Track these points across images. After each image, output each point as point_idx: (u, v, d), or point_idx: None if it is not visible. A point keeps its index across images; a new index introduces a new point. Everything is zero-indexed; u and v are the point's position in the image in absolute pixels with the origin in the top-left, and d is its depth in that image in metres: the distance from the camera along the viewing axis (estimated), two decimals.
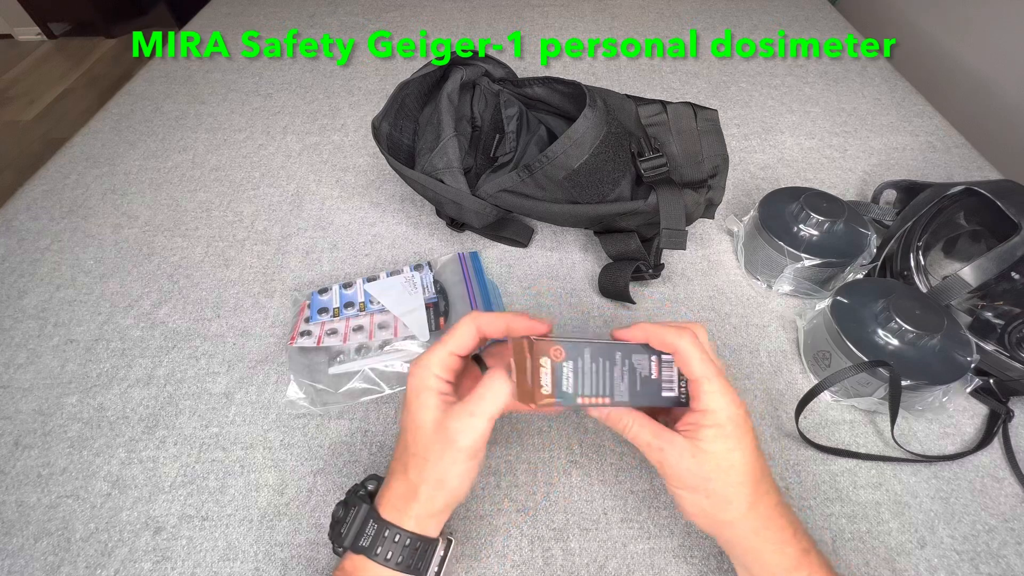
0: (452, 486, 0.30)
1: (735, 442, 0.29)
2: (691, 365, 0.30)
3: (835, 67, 0.85)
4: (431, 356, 0.31)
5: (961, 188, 0.49)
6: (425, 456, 0.29)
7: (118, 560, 0.37)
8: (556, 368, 0.29)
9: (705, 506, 0.29)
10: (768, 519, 0.29)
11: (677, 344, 0.30)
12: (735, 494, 0.29)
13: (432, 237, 0.59)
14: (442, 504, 0.30)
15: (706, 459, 0.29)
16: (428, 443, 0.29)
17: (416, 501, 0.30)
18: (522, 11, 1.00)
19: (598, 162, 0.48)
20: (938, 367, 0.40)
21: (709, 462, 0.29)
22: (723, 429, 0.29)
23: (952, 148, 0.71)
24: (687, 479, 0.29)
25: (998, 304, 0.46)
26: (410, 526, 0.29)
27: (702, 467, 0.29)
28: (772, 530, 0.29)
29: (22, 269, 0.56)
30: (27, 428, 0.44)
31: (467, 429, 0.29)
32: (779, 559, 0.29)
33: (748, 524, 0.29)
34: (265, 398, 0.45)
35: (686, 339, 0.30)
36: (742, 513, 0.29)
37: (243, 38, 0.93)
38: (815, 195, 0.52)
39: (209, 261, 0.57)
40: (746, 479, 0.29)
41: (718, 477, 0.29)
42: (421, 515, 0.30)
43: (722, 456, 0.29)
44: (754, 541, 0.29)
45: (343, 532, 0.30)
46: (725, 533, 0.30)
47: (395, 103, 0.55)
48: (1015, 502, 0.40)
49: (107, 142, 0.72)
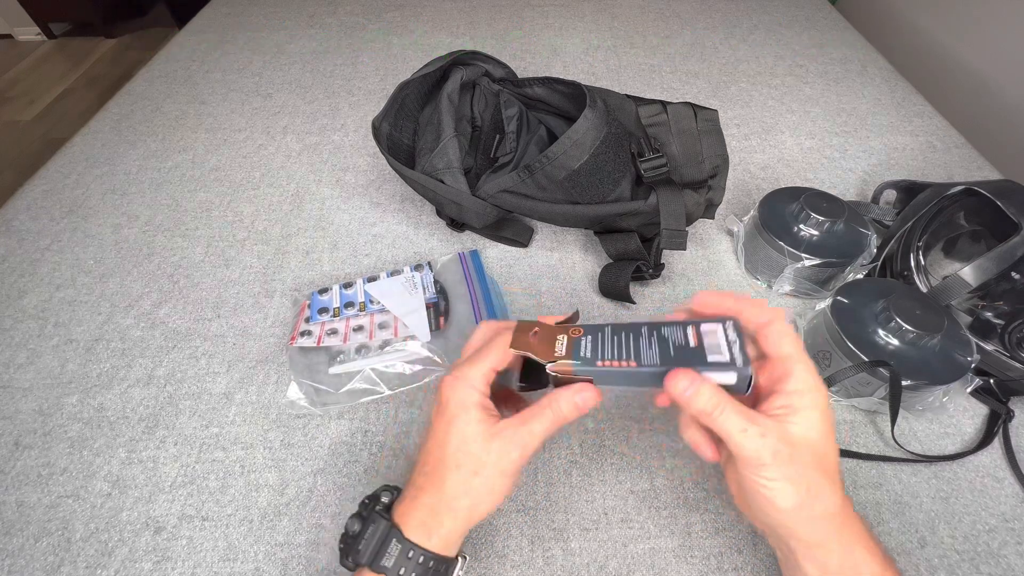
0: (488, 503, 0.29)
1: (830, 426, 0.27)
2: (782, 341, 0.27)
3: (835, 67, 0.85)
4: (472, 370, 0.30)
5: (961, 188, 0.49)
6: (475, 471, 0.29)
7: (118, 560, 0.37)
8: (573, 341, 0.29)
9: (804, 498, 0.26)
10: (854, 514, 0.28)
11: (771, 318, 0.28)
12: (830, 485, 0.27)
13: (432, 237, 0.59)
14: (468, 520, 0.30)
15: (805, 447, 0.26)
16: (479, 458, 0.29)
17: (446, 518, 0.29)
18: (522, 11, 1.00)
19: (598, 162, 0.48)
20: (938, 367, 0.40)
21: (807, 451, 0.26)
22: (820, 413, 0.26)
23: (952, 148, 0.71)
24: (787, 468, 0.26)
25: (998, 304, 0.46)
26: (434, 546, 0.29)
27: (802, 456, 0.26)
28: (859, 524, 0.27)
29: (22, 269, 0.56)
30: (27, 428, 0.44)
31: (522, 447, 0.29)
32: (868, 557, 0.27)
33: (840, 518, 0.27)
34: (265, 398, 0.45)
35: (781, 313, 0.28)
36: (837, 505, 0.27)
37: (243, 38, 0.93)
38: (815, 195, 0.52)
39: (209, 261, 0.57)
40: (833, 468, 0.27)
41: (819, 467, 0.26)
42: (446, 534, 0.29)
43: (819, 444, 0.26)
44: (844, 536, 0.27)
45: (360, 548, 0.29)
46: (815, 529, 0.27)
47: (395, 103, 0.55)
48: (1015, 502, 0.40)
49: (107, 142, 0.72)
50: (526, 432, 0.29)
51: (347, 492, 0.40)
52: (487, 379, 0.30)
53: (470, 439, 0.29)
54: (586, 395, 0.29)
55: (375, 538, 0.29)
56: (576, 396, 0.29)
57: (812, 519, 0.27)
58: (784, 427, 0.26)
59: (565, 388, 0.29)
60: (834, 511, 0.27)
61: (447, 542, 0.29)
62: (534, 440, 0.29)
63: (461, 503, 0.29)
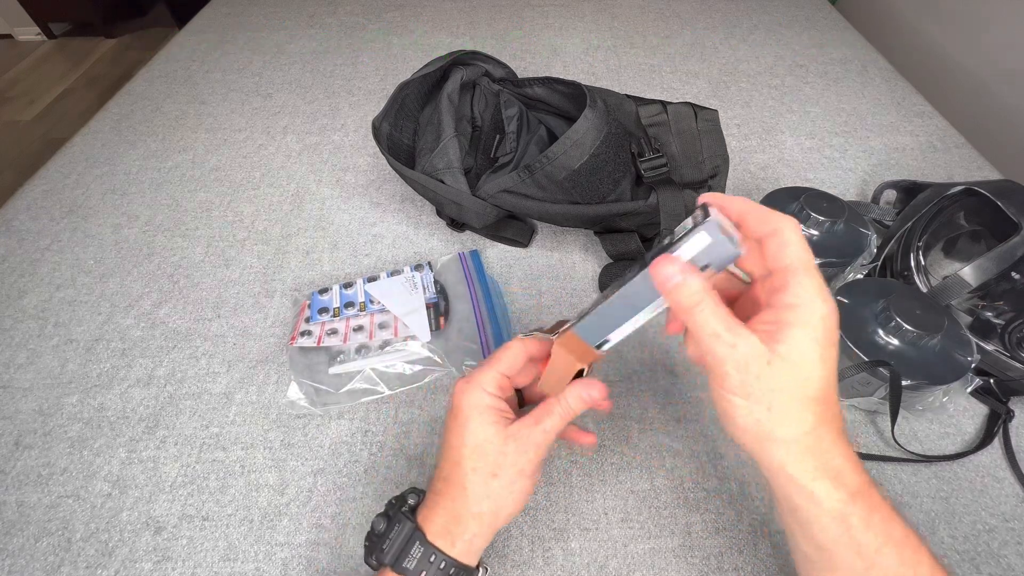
0: (510, 504, 0.30)
1: (821, 351, 0.24)
2: (784, 252, 0.24)
3: (835, 67, 0.85)
4: (482, 375, 0.30)
5: (961, 188, 0.49)
6: (494, 473, 0.29)
7: (118, 560, 0.37)
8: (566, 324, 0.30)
9: (762, 419, 0.24)
10: (829, 444, 0.25)
11: (781, 224, 0.24)
12: (800, 410, 0.24)
13: (432, 237, 0.59)
14: (492, 525, 0.30)
15: (782, 367, 0.23)
16: (497, 460, 0.29)
17: (470, 524, 0.29)
18: (522, 11, 1.00)
19: (598, 162, 0.48)
20: (938, 367, 0.40)
21: (785, 372, 0.23)
22: (812, 331, 0.23)
23: (952, 148, 0.71)
24: (751, 386, 0.24)
25: (998, 304, 0.46)
26: (457, 552, 0.29)
27: (775, 376, 0.23)
28: (831, 456, 0.25)
29: (22, 269, 0.56)
30: (27, 428, 0.44)
31: (539, 446, 0.29)
32: (831, 489, 0.24)
33: (804, 446, 0.24)
34: (265, 398, 0.45)
35: (791, 222, 0.24)
36: (804, 432, 0.24)
37: (243, 38, 0.93)
38: (815, 195, 0.52)
39: (209, 261, 0.57)
40: (818, 395, 0.24)
41: (789, 389, 0.24)
42: (469, 539, 0.29)
43: (802, 366, 0.23)
44: (805, 466, 0.24)
45: (384, 548, 0.29)
46: (775, 453, 0.25)
47: (395, 103, 0.55)
48: (1015, 502, 0.40)
49: (107, 142, 0.72)
50: (539, 431, 0.29)
51: (347, 492, 0.40)
52: (498, 383, 0.30)
53: (485, 442, 0.29)
54: (593, 392, 0.30)
55: (399, 539, 0.29)
56: (583, 391, 0.30)
57: (772, 441, 0.24)
58: (762, 346, 0.24)
59: (572, 384, 0.30)
60: (797, 437, 0.24)
61: (470, 548, 0.29)
62: (548, 437, 0.29)
63: (483, 507, 0.29)
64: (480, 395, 0.30)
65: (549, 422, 0.29)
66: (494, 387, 0.30)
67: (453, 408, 0.31)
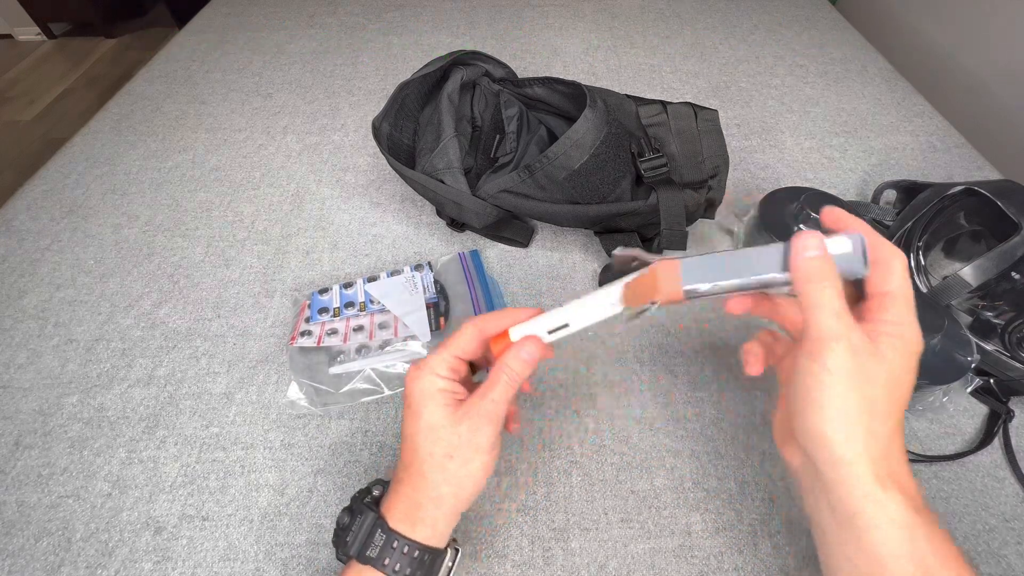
0: (469, 485, 0.30)
1: (913, 363, 0.25)
2: (892, 277, 0.26)
3: (835, 67, 0.85)
4: (433, 359, 0.31)
5: (961, 188, 0.49)
6: (448, 454, 0.29)
7: (118, 560, 0.37)
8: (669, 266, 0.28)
9: (852, 407, 0.24)
10: (901, 453, 0.25)
11: (889, 256, 0.26)
12: (888, 409, 0.25)
13: (432, 237, 0.59)
14: (454, 508, 0.30)
15: (882, 365, 0.24)
16: (450, 441, 0.29)
17: (429, 508, 0.29)
18: (522, 11, 1.00)
19: (598, 162, 0.48)
20: (938, 367, 0.40)
21: (884, 370, 0.24)
22: (909, 347, 0.25)
23: (952, 148, 0.71)
24: (851, 363, 0.24)
25: (998, 304, 0.46)
26: (419, 536, 0.29)
27: (876, 368, 0.24)
28: (900, 464, 0.25)
29: (22, 269, 0.56)
30: (27, 428, 0.44)
31: (491, 419, 0.29)
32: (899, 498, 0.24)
33: (881, 447, 0.24)
34: (265, 398, 0.45)
35: (900, 256, 0.26)
36: (886, 431, 0.24)
37: (243, 38, 0.93)
38: (815, 195, 0.52)
39: (209, 261, 0.57)
40: (901, 403, 0.25)
41: (886, 385, 0.24)
42: (431, 523, 0.29)
43: (896, 371, 0.25)
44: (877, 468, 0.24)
45: (348, 540, 0.29)
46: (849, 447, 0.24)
47: (395, 103, 0.55)
48: (1015, 502, 0.40)
49: (107, 142, 0.72)
50: (488, 403, 0.29)
51: (347, 492, 0.40)
52: (449, 365, 0.31)
53: (437, 426, 0.29)
54: (530, 348, 0.30)
55: (362, 530, 0.29)
56: (522, 352, 0.30)
57: (853, 437, 0.24)
58: (870, 339, 0.25)
59: (507, 350, 0.30)
60: (877, 436, 0.24)
61: (433, 532, 0.29)
62: (498, 407, 0.29)
63: (442, 491, 0.29)
64: (431, 380, 0.30)
65: (497, 391, 0.29)
66: (445, 369, 0.30)
67: (406, 396, 0.31)
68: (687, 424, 0.44)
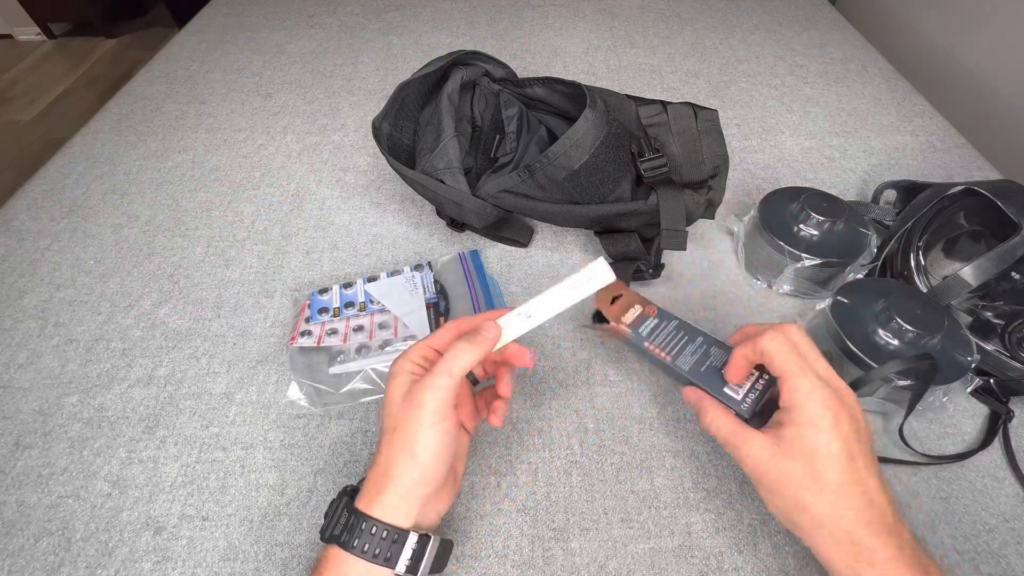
0: (421, 457, 0.30)
1: (818, 445, 0.27)
2: (774, 361, 0.29)
3: (835, 67, 0.85)
4: (411, 349, 0.34)
5: (961, 188, 0.49)
6: (394, 427, 0.30)
7: (118, 560, 0.37)
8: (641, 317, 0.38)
9: (780, 506, 0.29)
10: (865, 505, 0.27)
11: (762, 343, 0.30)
12: (813, 500, 0.27)
13: (432, 237, 0.59)
14: (410, 483, 0.30)
15: (782, 460, 0.28)
16: (397, 414, 0.31)
17: (388, 484, 0.30)
18: (522, 11, 1.00)
19: (598, 163, 0.48)
20: (938, 367, 0.40)
21: (785, 463, 0.28)
22: (802, 429, 0.27)
23: (952, 148, 0.71)
24: (765, 477, 0.29)
25: (998, 304, 0.46)
26: (382, 515, 0.30)
27: (780, 466, 0.28)
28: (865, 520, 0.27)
29: (22, 269, 0.56)
30: (27, 428, 0.44)
31: (431, 388, 0.30)
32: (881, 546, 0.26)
33: (832, 527, 0.27)
34: (265, 398, 0.45)
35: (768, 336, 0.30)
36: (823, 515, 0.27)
37: (243, 38, 0.93)
38: (815, 195, 0.52)
39: (209, 261, 0.57)
40: (830, 486, 0.27)
41: (796, 480, 0.27)
42: (390, 501, 0.30)
43: (802, 457, 0.27)
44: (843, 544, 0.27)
45: (324, 524, 0.31)
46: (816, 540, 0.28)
47: (395, 103, 0.55)
48: (1015, 502, 0.40)
49: (107, 142, 0.72)
50: (432, 377, 0.31)
51: None
52: (423, 354, 0.33)
53: (390, 401, 0.32)
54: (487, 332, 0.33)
55: (336, 512, 0.31)
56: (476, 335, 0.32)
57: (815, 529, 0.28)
58: (770, 441, 0.29)
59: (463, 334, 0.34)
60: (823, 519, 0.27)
61: (395, 511, 0.30)
62: (441, 380, 0.30)
63: (394, 467, 0.30)
64: (402, 363, 0.33)
65: (441, 365, 0.31)
66: (418, 357, 0.33)
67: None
68: (687, 424, 0.44)
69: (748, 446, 0.29)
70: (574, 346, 0.49)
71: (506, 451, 0.42)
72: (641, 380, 0.46)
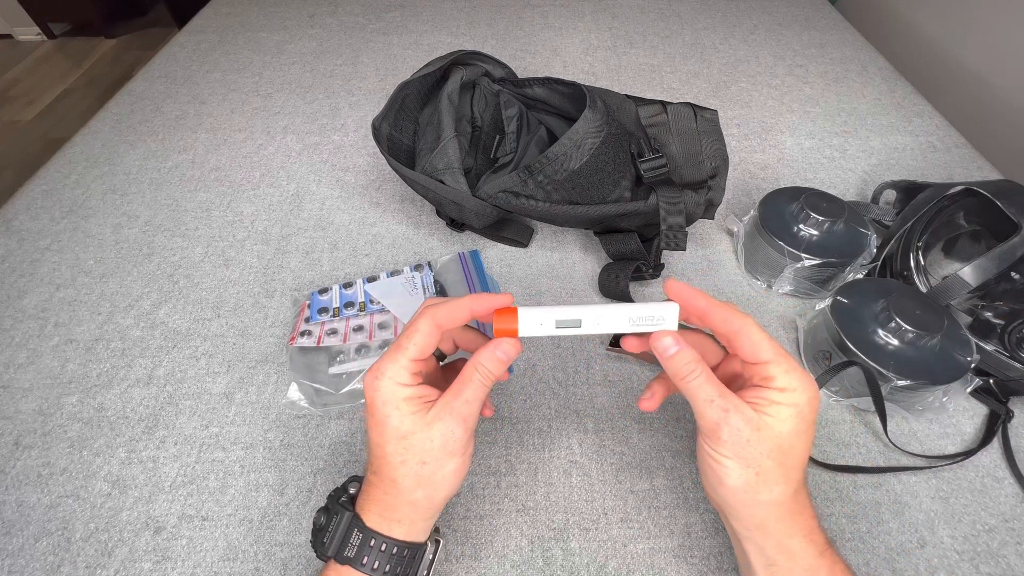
0: (445, 487, 0.29)
1: (805, 426, 0.27)
2: (759, 349, 0.28)
3: (835, 67, 0.85)
4: (391, 366, 0.29)
5: (961, 188, 0.49)
6: (421, 460, 0.28)
7: (118, 560, 0.37)
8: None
9: (751, 481, 0.27)
10: (803, 506, 0.28)
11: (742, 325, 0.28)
12: (785, 476, 0.27)
13: (432, 237, 0.59)
14: (430, 508, 0.30)
15: (770, 436, 0.27)
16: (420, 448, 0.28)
17: (405, 510, 0.29)
18: (522, 11, 1.00)
19: (598, 163, 0.48)
20: (938, 367, 0.40)
21: (771, 440, 0.27)
22: (799, 410, 0.27)
23: (952, 148, 0.71)
24: (743, 450, 0.27)
25: (998, 304, 0.46)
26: (397, 533, 0.29)
27: (763, 442, 0.27)
28: (804, 517, 0.28)
29: (22, 269, 0.56)
30: (27, 428, 0.44)
31: (458, 420, 0.28)
32: (805, 546, 0.28)
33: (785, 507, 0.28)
34: (265, 398, 0.45)
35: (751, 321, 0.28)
36: (787, 496, 0.28)
37: (243, 38, 0.93)
38: (815, 195, 0.52)
39: (209, 261, 0.57)
40: (799, 464, 0.28)
41: (776, 457, 0.27)
42: (408, 522, 0.29)
43: (787, 437, 0.27)
44: (784, 525, 0.28)
45: (325, 541, 0.29)
46: (757, 513, 0.28)
47: (395, 103, 0.55)
48: (1015, 502, 0.40)
49: (107, 142, 0.72)
50: (462, 403, 0.29)
51: None
52: (410, 371, 0.29)
53: (408, 433, 0.28)
54: (506, 347, 0.29)
55: (339, 530, 0.29)
56: (497, 351, 0.29)
57: (756, 503, 0.28)
58: (753, 413, 0.27)
59: (483, 347, 0.30)
60: (780, 500, 0.27)
61: (412, 528, 0.29)
62: (471, 407, 0.29)
63: (417, 495, 0.29)
64: (392, 389, 0.28)
65: (470, 391, 0.29)
66: (407, 377, 0.29)
67: (368, 406, 0.29)
68: (687, 424, 0.44)
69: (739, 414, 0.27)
70: (574, 346, 0.49)
71: (506, 451, 0.42)
72: (641, 380, 0.46)
